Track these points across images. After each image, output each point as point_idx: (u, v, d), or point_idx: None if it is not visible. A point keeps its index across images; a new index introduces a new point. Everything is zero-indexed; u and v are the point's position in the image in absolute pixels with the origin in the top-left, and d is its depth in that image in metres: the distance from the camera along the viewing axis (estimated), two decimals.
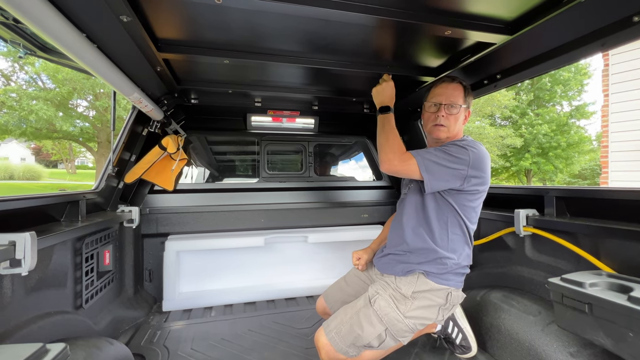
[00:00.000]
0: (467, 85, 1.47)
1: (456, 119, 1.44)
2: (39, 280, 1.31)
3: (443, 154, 1.32)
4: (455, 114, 1.43)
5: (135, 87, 1.69)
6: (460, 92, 1.44)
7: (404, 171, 1.35)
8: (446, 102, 1.43)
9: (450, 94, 1.44)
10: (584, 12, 1.14)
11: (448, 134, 1.46)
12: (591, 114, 16.77)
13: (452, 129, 1.45)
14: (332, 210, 2.89)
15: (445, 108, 1.43)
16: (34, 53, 1.57)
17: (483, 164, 1.34)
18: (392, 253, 1.51)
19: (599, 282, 1.11)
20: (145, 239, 2.50)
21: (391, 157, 1.35)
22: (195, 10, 1.21)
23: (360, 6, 1.16)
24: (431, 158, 1.31)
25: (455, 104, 1.42)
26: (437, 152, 1.34)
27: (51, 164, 39.42)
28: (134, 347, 1.79)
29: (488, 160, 1.37)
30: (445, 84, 1.47)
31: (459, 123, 1.45)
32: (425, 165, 1.30)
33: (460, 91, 1.44)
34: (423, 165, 1.30)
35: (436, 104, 1.46)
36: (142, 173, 2.21)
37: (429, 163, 1.31)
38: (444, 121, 1.43)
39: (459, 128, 1.47)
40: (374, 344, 1.29)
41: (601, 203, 1.45)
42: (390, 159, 1.35)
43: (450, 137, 1.47)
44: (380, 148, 1.40)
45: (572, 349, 1.25)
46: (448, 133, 1.46)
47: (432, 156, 1.32)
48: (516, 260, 1.79)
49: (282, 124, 2.80)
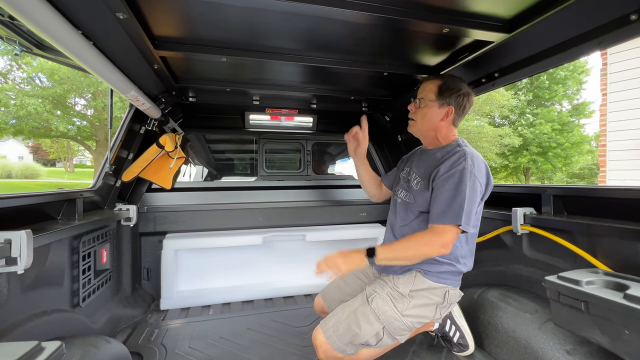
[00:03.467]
0: (447, 81, 1.43)
1: (423, 113, 1.45)
2: (35, 279, 1.30)
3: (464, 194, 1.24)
4: (422, 107, 1.45)
5: (132, 85, 1.68)
6: (434, 86, 1.43)
7: (453, 242, 1.28)
8: (418, 97, 1.47)
9: (422, 89, 1.47)
10: (581, 10, 1.14)
11: (417, 128, 1.49)
12: (591, 112, 16.80)
13: (421, 124, 1.47)
14: (330, 209, 2.89)
15: (415, 103, 1.47)
16: (30, 50, 1.56)
17: (489, 178, 1.37)
18: None
19: (596, 280, 1.12)
20: (143, 237, 2.50)
21: (438, 250, 1.27)
22: (192, 7, 1.20)
23: (359, 4, 1.16)
24: (461, 207, 1.24)
25: (423, 98, 1.45)
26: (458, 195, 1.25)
27: (49, 163, 39.29)
28: (132, 346, 1.79)
29: (488, 169, 1.38)
30: (425, 81, 1.49)
31: (428, 118, 1.44)
32: (463, 220, 1.24)
33: (433, 86, 1.43)
34: (463, 222, 1.24)
35: (413, 99, 1.50)
36: (140, 171, 2.20)
37: (460, 214, 1.24)
38: (412, 114, 1.48)
39: (432, 125, 1.45)
40: (372, 343, 1.30)
41: (598, 201, 1.45)
42: (438, 250, 1.27)
43: (422, 130, 1.48)
44: (422, 258, 1.33)
45: (569, 347, 1.25)
46: (416, 127, 1.49)
47: (458, 208, 1.24)
48: (513, 258, 1.80)
49: (281, 122, 2.79)
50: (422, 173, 1.43)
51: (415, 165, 1.52)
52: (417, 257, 1.31)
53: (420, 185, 1.43)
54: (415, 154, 1.63)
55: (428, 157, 1.47)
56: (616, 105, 5.93)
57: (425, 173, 1.41)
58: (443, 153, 1.40)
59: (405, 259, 1.32)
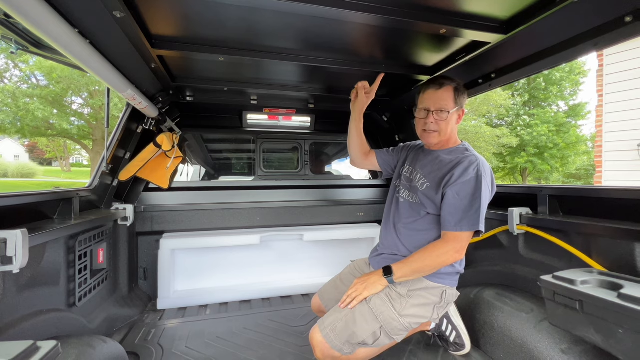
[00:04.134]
0: (458, 85, 1.44)
1: (447, 123, 1.42)
2: (31, 278, 1.30)
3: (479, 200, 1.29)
4: (445, 119, 1.41)
5: (129, 83, 1.67)
6: (450, 95, 1.41)
7: (466, 246, 1.33)
8: (435, 109, 1.41)
9: (439, 100, 1.41)
10: (577, 12, 1.15)
11: (440, 138, 1.45)
12: (587, 113, 16.90)
13: (444, 133, 1.44)
14: (328, 209, 2.89)
15: (434, 114, 1.41)
16: (26, 49, 1.55)
17: (494, 182, 1.39)
18: (386, 254, 1.52)
19: (590, 279, 1.13)
20: (140, 236, 2.49)
21: (453, 256, 1.31)
22: (189, 6, 1.20)
23: (356, 4, 1.16)
24: (477, 212, 1.28)
25: (444, 109, 1.40)
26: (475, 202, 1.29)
27: (45, 162, 39.03)
28: (128, 346, 1.78)
29: (493, 173, 1.40)
30: (433, 90, 1.42)
31: (451, 126, 1.44)
32: (480, 224, 1.28)
33: (449, 94, 1.41)
34: (479, 226, 1.28)
35: (425, 110, 1.44)
36: (137, 171, 2.20)
37: (477, 220, 1.28)
38: (433, 127, 1.42)
39: (452, 129, 1.46)
40: (369, 342, 1.30)
41: (593, 202, 1.47)
42: (453, 257, 1.32)
43: (443, 140, 1.47)
44: (438, 268, 1.36)
45: (564, 346, 1.26)
46: (440, 137, 1.45)
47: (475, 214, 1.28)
48: (510, 258, 1.81)
49: (278, 122, 2.79)
50: (430, 176, 1.43)
51: (420, 166, 1.51)
52: (433, 268, 1.34)
53: (426, 187, 1.42)
54: (418, 152, 1.60)
55: (435, 160, 1.47)
56: (612, 106, 5.97)
57: (435, 178, 1.40)
58: (452, 157, 1.41)
59: (421, 272, 1.35)
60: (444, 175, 1.36)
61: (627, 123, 5.73)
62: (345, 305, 1.36)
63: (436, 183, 1.39)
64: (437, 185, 1.38)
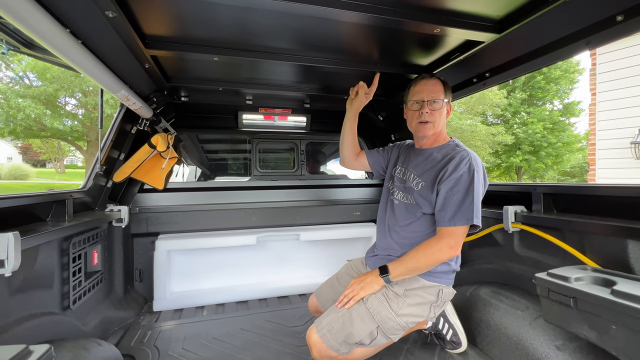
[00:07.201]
0: (445, 80, 1.48)
1: (440, 114, 1.44)
2: (23, 281, 1.28)
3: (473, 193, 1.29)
4: (438, 109, 1.43)
5: (123, 84, 1.66)
6: (440, 87, 1.45)
7: (461, 242, 1.33)
8: (428, 98, 1.43)
9: (431, 90, 1.43)
10: (569, 11, 1.16)
11: (434, 130, 1.46)
12: (580, 111, 17.06)
13: (438, 124, 1.45)
14: (324, 209, 2.89)
15: (429, 104, 1.43)
16: (17, 49, 1.53)
17: (486, 177, 1.40)
18: (382, 254, 1.53)
19: (584, 276, 1.14)
20: (135, 238, 2.47)
21: (448, 252, 1.31)
22: (183, 6, 1.19)
23: (351, 4, 1.16)
24: (471, 206, 1.28)
25: (437, 99, 1.43)
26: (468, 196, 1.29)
27: (39, 163, 38.61)
28: (124, 348, 1.77)
29: (484, 168, 1.41)
30: (425, 80, 1.46)
31: (442, 118, 1.46)
32: (475, 218, 1.28)
33: (440, 86, 1.45)
34: (474, 219, 1.28)
35: (418, 101, 1.45)
36: (132, 172, 2.18)
37: (471, 213, 1.28)
38: (428, 117, 1.43)
39: (443, 124, 1.48)
40: (366, 342, 1.30)
41: (587, 199, 1.48)
42: (448, 253, 1.31)
43: (437, 133, 1.48)
44: (434, 265, 1.36)
45: (558, 342, 1.27)
46: (434, 129, 1.46)
47: (469, 208, 1.28)
48: (505, 256, 1.82)
49: (274, 122, 2.78)
50: (424, 175, 1.43)
51: (412, 166, 1.52)
52: (429, 265, 1.34)
53: (421, 186, 1.43)
54: (409, 152, 1.60)
55: (426, 158, 1.47)
56: (605, 104, 6.04)
57: (429, 176, 1.41)
58: (443, 154, 1.42)
59: (417, 270, 1.35)
60: (438, 172, 1.37)
61: (620, 121, 5.80)
62: (342, 305, 1.36)
63: (431, 181, 1.39)
64: (432, 184, 1.38)
